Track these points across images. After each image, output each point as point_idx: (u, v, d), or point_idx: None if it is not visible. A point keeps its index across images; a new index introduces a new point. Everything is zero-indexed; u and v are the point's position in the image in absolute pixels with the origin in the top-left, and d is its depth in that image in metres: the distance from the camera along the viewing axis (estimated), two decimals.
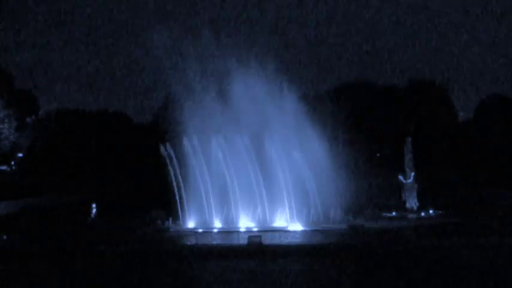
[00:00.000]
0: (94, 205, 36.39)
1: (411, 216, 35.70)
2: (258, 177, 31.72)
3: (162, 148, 32.95)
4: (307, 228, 29.95)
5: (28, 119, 61.05)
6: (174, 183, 32.32)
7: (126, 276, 20.21)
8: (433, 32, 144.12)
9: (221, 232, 29.80)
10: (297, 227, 30.34)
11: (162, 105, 74.37)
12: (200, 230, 30.19)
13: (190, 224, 31.59)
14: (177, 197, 32.22)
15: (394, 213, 36.54)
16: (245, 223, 31.22)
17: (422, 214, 36.03)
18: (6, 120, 55.97)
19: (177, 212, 32.33)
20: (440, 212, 36.63)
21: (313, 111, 34.67)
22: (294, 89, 35.74)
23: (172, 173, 32.41)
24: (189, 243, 26.40)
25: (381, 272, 20.12)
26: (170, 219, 31.36)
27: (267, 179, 32.19)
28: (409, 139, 39.36)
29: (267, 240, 24.89)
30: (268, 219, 31.63)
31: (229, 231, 29.82)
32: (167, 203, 35.64)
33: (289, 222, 30.96)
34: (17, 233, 29.93)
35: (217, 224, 31.38)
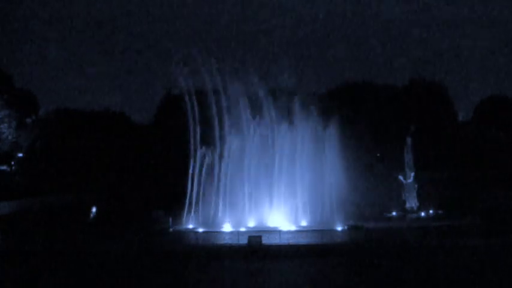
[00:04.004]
0: (94, 205, 36.42)
1: (411, 216, 35.75)
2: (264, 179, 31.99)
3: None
4: (307, 229, 29.95)
5: (28, 119, 61.00)
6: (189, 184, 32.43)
7: (126, 276, 20.20)
8: (433, 32, 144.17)
9: (220, 232, 29.81)
10: (297, 227, 30.36)
11: (162, 103, 74.45)
12: (200, 230, 30.21)
13: (190, 225, 31.64)
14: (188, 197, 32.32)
15: (394, 213, 36.58)
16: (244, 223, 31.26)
17: (422, 214, 36.09)
18: (6, 120, 55.96)
19: (178, 212, 32.36)
20: (440, 212, 36.67)
21: (313, 111, 34.65)
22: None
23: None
24: (189, 243, 26.43)
25: (380, 272, 20.11)
26: (170, 219, 31.36)
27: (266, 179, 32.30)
28: (409, 139, 39.44)
29: (266, 240, 24.92)
30: (267, 220, 31.67)
31: (227, 230, 29.86)
32: (167, 203, 35.71)
33: (289, 223, 30.98)
34: (17, 233, 29.92)
35: (217, 225, 31.42)
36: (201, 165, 32.75)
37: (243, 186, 32.34)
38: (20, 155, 60.46)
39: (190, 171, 32.68)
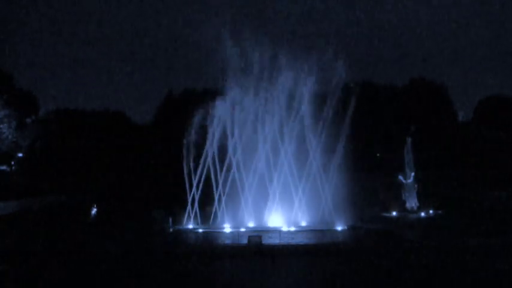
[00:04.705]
0: (94, 205, 36.42)
1: (411, 216, 35.75)
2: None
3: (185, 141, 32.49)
4: (307, 229, 29.95)
5: (28, 119, 61.04)
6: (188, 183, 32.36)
7: (126, 276, 20.21)
8: (433, 32, 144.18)
9: (220, 232, 29.81)
10: (297, 227, 30.34)
11: (163, 103, 74.61)
12: (200, 230, 30.22)
13: (190, 225, 31.62)
14: (189, 197, 32.21)
15: (394, 213, 36.58)
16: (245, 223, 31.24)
17: (422, 214, 36.07)
18: (6, 120, 55.98)
19: (178, 212, 32.33)
20: (440, 212, 36.67)
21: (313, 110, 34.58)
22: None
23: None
24: (189, 243, 26.45)
25: (380, 272, 20.12)
26: (170, 219, 31.36)
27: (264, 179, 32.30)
28: (409, 139, 39.42)
29: (266, 240, 24.93)
30: (267, 220, 31.65)
31: (227, 230, 29.87)
32: (167, 203, 35.69)
33: (289, 223, 30.95)
34: (17, 233, 29.92)
35: (214, 224, 31.42)
36: (203, 165, 32.66)
37: (243, 187, 32.28)
38: (20, 155, 60.55)
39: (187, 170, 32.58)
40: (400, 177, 38.58)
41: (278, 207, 32.02)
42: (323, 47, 33.20)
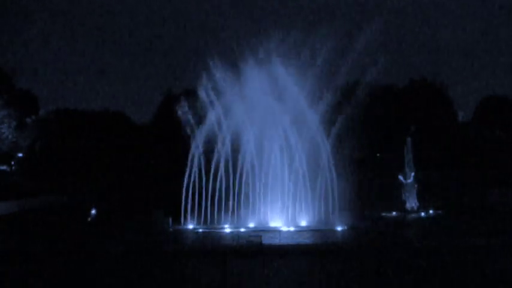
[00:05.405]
0: (94, 205, 36.43)
1: (411, 216, 35.77)
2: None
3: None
4: (307, 229, 29.94)
5: (28, 119, 60.99)
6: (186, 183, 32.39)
7: (126, 276, 20.21)
8: (433, 32, 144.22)
9: (220, 232, 29.81)
10: (297, 227, 30.34)
11: (163, 103, 74.44)
12: (200, 230, 30.22)
13: (190, 225, 31.62)
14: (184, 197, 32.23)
15: (394, 213, 36.60)
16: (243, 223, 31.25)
17: (422, 214, 36.10)
18: (6, 120, 55.94)
19: (178, 212, 32.32)
20: (440, 212, 36.69)
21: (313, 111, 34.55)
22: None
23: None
24: (189, 243, 26.43)
25: (380, 272, 20.10)
26: (170, 219, 31.35)
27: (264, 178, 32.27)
28: (409, 139, 39.46)
29: (266, 240, 24.92)
30: (267, 220, 31.66)
31: (227, 230, 29.86)
32: (167, 203, 35.67)
33: (289, 223, 30.95)
34: (17, 233, 29.92)
35: (216, 225, 31.40)
36: (200, 166, 32.66)
37: (242, 187, 32.29)
38: (20, 155, 60.50)
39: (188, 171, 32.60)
40: (400, 177, 38.61)
41: (278, 208, 32.03)
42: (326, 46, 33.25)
